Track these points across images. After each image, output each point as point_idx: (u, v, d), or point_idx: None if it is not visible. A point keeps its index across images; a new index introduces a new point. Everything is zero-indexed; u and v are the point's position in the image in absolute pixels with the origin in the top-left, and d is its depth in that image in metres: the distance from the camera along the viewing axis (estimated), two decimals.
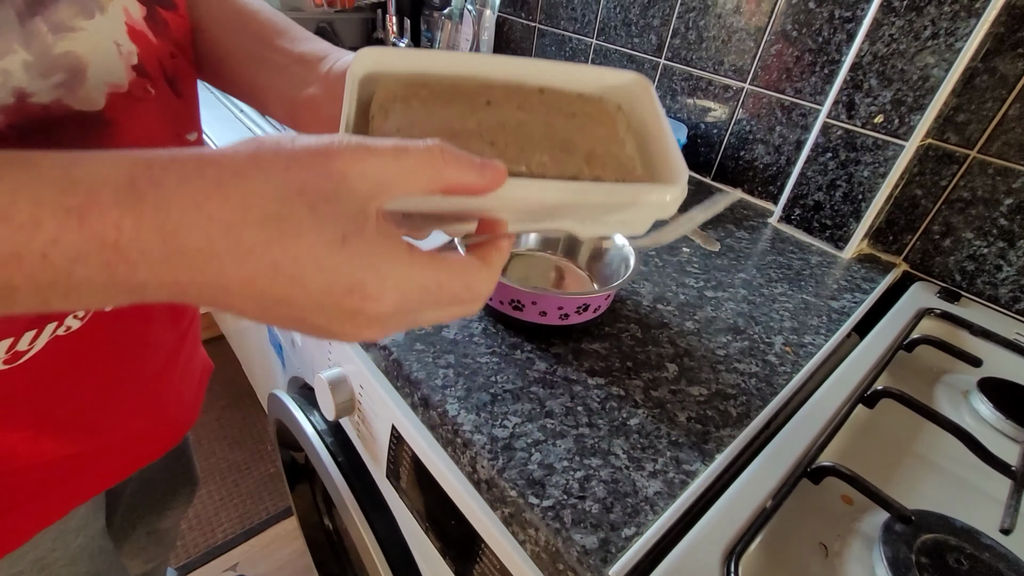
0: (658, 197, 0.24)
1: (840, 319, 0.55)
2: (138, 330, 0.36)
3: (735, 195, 0.28)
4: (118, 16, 0.26)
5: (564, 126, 0.26)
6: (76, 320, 0.30)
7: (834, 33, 0.64)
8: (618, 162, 0.26)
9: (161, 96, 0.29)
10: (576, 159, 0.25)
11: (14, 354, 0.28)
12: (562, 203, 0.23)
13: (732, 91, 0.76)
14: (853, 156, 0.63)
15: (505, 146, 0.24)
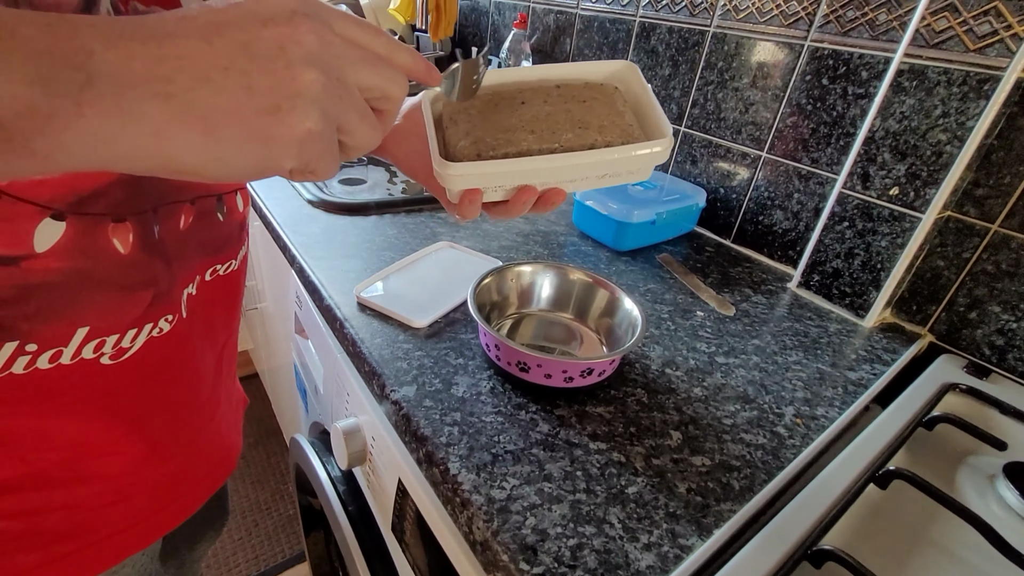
0: (652, 149, 0.34)
1: (857, 391, 0.54)
2: (196, 343, 0.40)
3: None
4: None
5: (579, 110, 0.36)
6: (167, 323, 0.35)
7: (848, 108, 0.66)
8: (621, 129, 0.35)
9: None
10: (592, 132, 0.35)
11: (119, 350, 0.33)
12: (590, 164, 0.34)
13: (750, 158, 0.79)
14: (870, 226, 0.63)
15: (542, 132, 0.34)
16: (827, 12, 0.66)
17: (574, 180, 0.36)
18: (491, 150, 0.34)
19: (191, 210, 0.35)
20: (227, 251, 0.40)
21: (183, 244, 0.35)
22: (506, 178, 0.34)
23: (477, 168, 0.33)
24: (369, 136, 0.25)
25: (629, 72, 0.39)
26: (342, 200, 0.79)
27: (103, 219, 0.29)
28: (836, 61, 0.66)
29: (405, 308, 0.55)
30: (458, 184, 0.33)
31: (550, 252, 0.74)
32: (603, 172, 0.35)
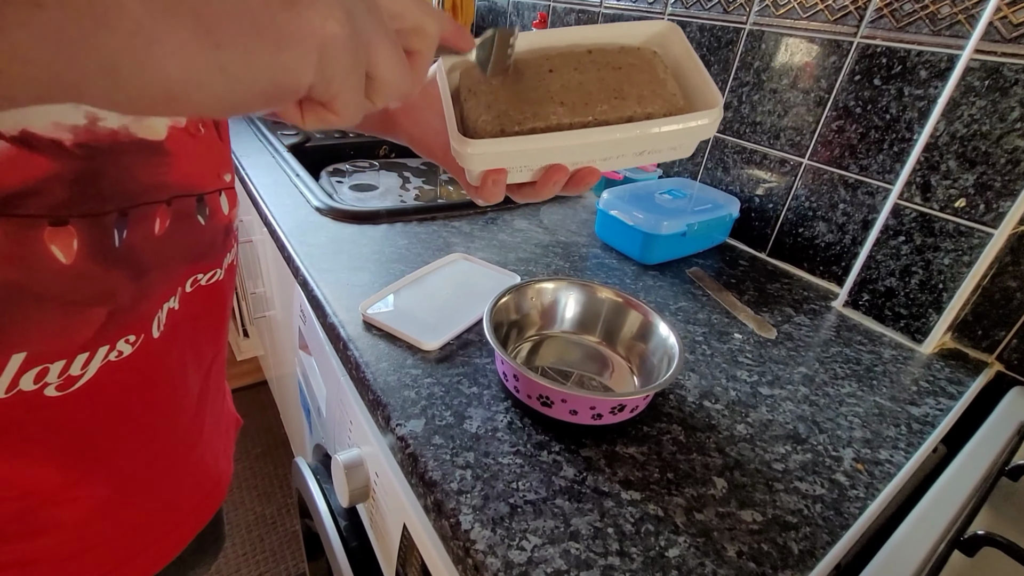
0: (699, 121, 0.29)
1: (923, 430, 0.47)
2: (174, 363, 0.36)
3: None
4: None
5: (614, 78, 0.31)
6: (128, 345, 0.30)
7: (904, 111, 0.60)
8: (663, 99, 0.31)
9: (209, 135, 0.33)
10: (630, 103, 0.30)
11: (67, 379, 0.28)
12: (628, 140, 0.29)
13: (789, 165, 0.73)
14: (931, 241, 0.57)
15: (573, 104, 0.30)
16: (880, 5, 0.60)
17: (608, 158, 0.32)
18: (516, 125, 0.30)
19: (167, 212, 0.30)
20: (210, 258, 0.35)
21: (161, 252, 0.30)
22: (533, 157, 0.30)
23: (500, 145, 0.29)
24: (400, 75, 0.21)
25: (671, 34, 0.34)
26: (352, 208, 0.75)
27: (38, 222, 0.24)
28: (890, 59, 0.60)
29: (415, 328, 0.50)
30: (479, 164, 0.30)
31: (571, 265, 0.69)
32: (642, 148, 0.31)
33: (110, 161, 0.26)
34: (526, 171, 0.31)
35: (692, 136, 0.31)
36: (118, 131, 0.26)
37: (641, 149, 0.31)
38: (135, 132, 0.27)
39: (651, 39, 0.35)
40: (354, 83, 0.20)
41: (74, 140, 0.24)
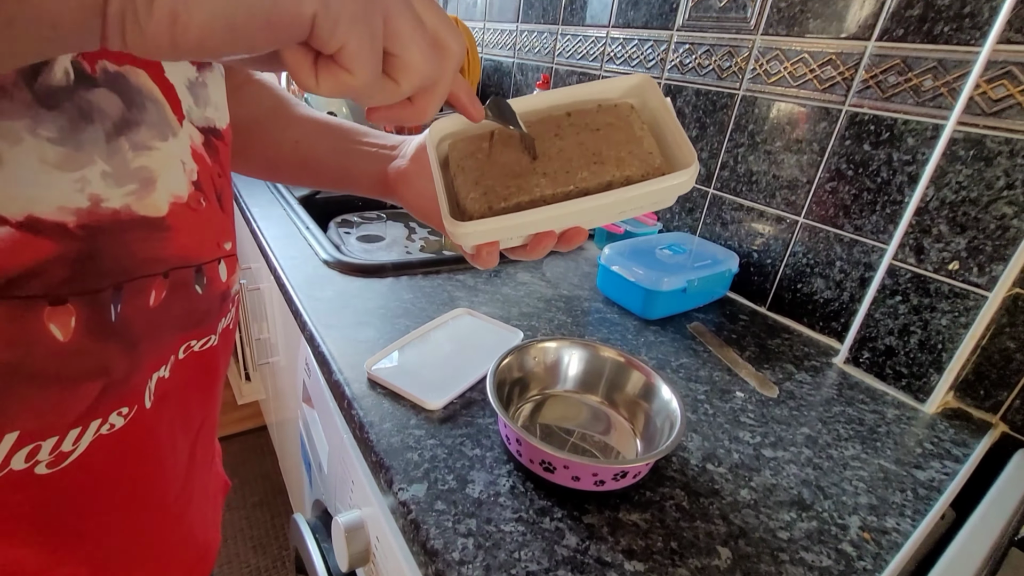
0: (677, 181, 0.31)
1: (930, 496, 0.47)
2: (163, 433, 0.35)
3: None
4: (185, 140, 0.30)
5: (593, 141, 0.33)
6: (120, 418, 0.30)
7: (894, 175, 0.62)
8: (640, 159, 0.32)
9: (210, 208, 0.33)
10: (609, 167, 0.32)
11: (58, 455, 0.27)
12: (609, 204, 0.31)
13: (786, 223, 0.74)
14: (927, 302, 0.58)
15: (555, 174, 0.32)
16: (866, 77, 0.63)
17: (593, 220, 0.34)
18: (502, 201, 0.32)
19: (163, 284, 0.30)
20: (205, 326, 0.35)
21: (154, 323, 0.30)
22: (521, 229, 0.32)
23: (488, 224, 0.31)
24: (425, 55, 0.21)
25: (646, 87, 0.36)
26: (358, 261, 0.77)
27: (37, 302, 0.24)
28: (878, 126, 0.63)
29: (418, 387, 0.51)
30: (471, 242, 0.32)
31: (574, 320, 0.70)
32: (623, 209, 0.33)
33: (110, 239, 0.26)
34: (517, 239, 0.34)
35: (670, 193, 0.32)
36: (120, 210, 0.26)
37: (622, 210, 0.33)
38: (137, 210, 0.27)
39: (628, 92, 0.37)
40: (365, 33, 0.19)
41: (77, 222, 0.25)
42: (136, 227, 0.27)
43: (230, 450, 1.63)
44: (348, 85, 0.20)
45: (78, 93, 0.24)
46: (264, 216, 0.94)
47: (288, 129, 0.46)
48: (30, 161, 0.23)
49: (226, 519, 1.38)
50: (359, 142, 0.45)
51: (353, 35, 0.19)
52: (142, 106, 0.27)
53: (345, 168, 0.44)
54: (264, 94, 0.48)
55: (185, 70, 0.30)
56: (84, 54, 0.24)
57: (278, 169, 0.47)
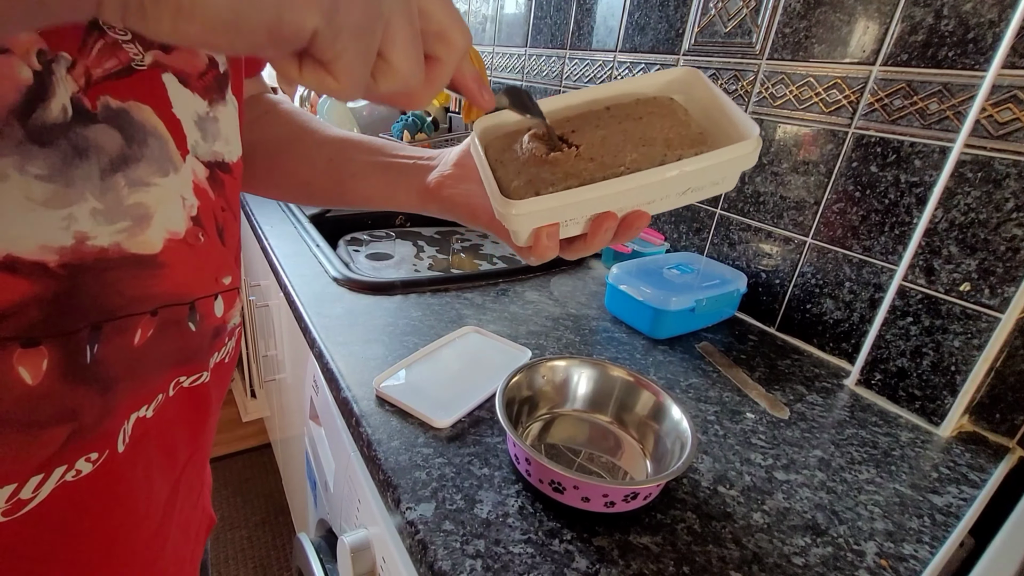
0: (741, 152, 0.29)
1: (948, 522, 0.46)
2: (138, 476, 0.33)
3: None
4: (188, 175, 0.30)
5: (636, 128, 0.32)
6: (88, 464, 0.28)
7: (901, 196, 0.62)
8: (690, 139, 0.31)
9: (210, 243, 0.32)
10: (658, 147, 0.31)
11: (16, 503, 0.25)
12: (670, 180, 0.29)
13: (794, 243, 0.75)
14: (939, 324, 0.57)
15: (602, 158, 0.31)
16: (872, 101, 0.64)
17: (653, 200, 0.31)
18: (550, 186, 0.30)
19: (151, 322, 0.28)
20: (196, 362, 0.33)
21: (138, 362, 0.28)
22: (579, 208, 0.30)
23: (544, 203, 0.29)
24: (412, 64, 0.21)
25: (691, 79, 0.34)
26: (367, 279, 0.77)
27: (9, 344, 0.23)
28: (885, 149, 0.63)
29: (427, 405, 0.51)
30: (526, 224, 0.30)
31: (582, 339, 0.69)
32: (685, 187, 0.31)
33: (93, 278, 0.25)
34: (573, 225, 0.31)
35: (734, 167, 0.30)
36: (108, 248, 0.25)
37: (685, 187, 0.31)
38: (127, 248, 0.26)
39: (668, 87, 0.35)
40: (362, 48, 0.19)
41: (59, 260, 0.23)
42: (124, 265, 0.26)
43: (233, 468, 1.62)
44: (329, 88, 0.20)
45: (75, 130, 0.23)
46: (275, 234, 0.96)
47: (322, 148, 0.45)
48: (14, 199, 0.22)
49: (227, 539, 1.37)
50: (395, 155, 0.44)
51: (349, 50, 0.19)
52: (143, 142, 0.26)
53: (383, 182, 0.43)
54: (290, 118, 0.48)
55: (195, 105, 0.30)
56: (87, 89, 0.24)
57: (312, 189, 0.46)
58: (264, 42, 0.17)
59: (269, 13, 0.17)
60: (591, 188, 0.29)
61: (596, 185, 0.29)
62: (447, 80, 0.25)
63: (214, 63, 0.32)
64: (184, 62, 0.29)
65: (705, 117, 0.33)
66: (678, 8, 0.85)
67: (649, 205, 0.32)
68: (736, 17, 0.77)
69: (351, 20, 0.18)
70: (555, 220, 0.30)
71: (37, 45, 0.22)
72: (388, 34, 0.20)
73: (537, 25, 1.19)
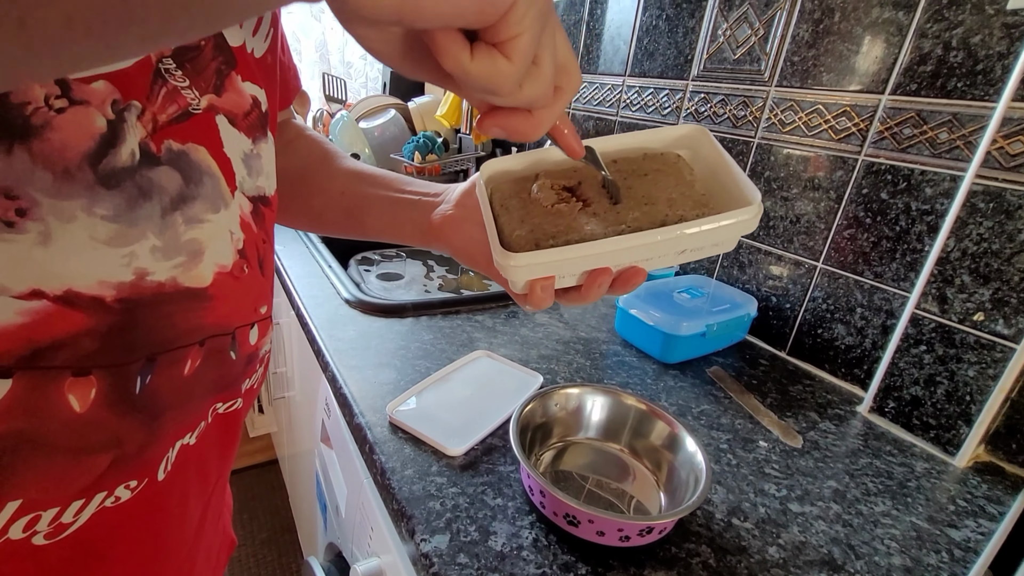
0: (740, 219, 0.30)
1: (966, 558, 0.45)
2: (174, 502, 0.34)
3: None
4: (236, 210, 0.31)
5: (641, 185, 0.33)
6: (127, 491, 0.28)
7: (912, 223, 0.63)
8: (693, 200, 0.32)
9: (252, 275, 0.33)
10: (660, 207, 0.31)
11: (57, 526, 0.26)
12: (667, 241, 0.30)
13: (804, 268, 0.75)
14: (953, 353, 0.57)
15: (605, 215, 0.32)
16: (881, 129, 0.64)
17: (650, 259, 0.32)
18: (550, 239, 0.30)
19: (199, 352, 0.30)
20: (232, 388, 0.35)
21: (186, 391, 0.30)
22: (575, 264, 0.30)
23: (542, 256, 0.29)
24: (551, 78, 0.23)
25: (698, 136, 0.35)
26: (379, 301, 0.78)
27: (61, 372, 0.24)
28: (895, 176, 0.64)
29: (440, 432, 0.51)
30: (523, 275, 0.30)
31: (592, 363, 0.70)
32: (683, 247, 0.32)
33: (148, 312, 0.26)
34: (570, 277, 0.32)
35: (734, 232, 0.31)
36: (165, 283, 0.26)
37: (681, 248, 0.32)
38: (182, 282, 0.27)
39: (676, 143, 0.36)
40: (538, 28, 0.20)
41: (116, 295, 0.24)
42: (179, 298, 0.27)
43: (240, 484, 1.62)
44: (502, 72, 0.20)
45: (141, 172, 0.25)
46: (288, 254, 0.97)
47: (335, 179, 0.47)
48: (79, 238, 0.23)
49: (232, 556, 1.36)
50: (403, 190, 0.45)
51: (534, 28, 0.20)
52: (200, 181, 0.28)
53: (389, 216, 0.45)
54: (314, 147, 0.49)
55: (242, 144, 0.31)
56: (153, 134, 0.25)
57: (323, 219, 0.48)
58: (471, 5, 0.18)
59: None
60: (590, 246, 0.29)
61: (595, 243, 0.29)
62: (561, 111, 0.26)
63: (257, 103, 0.33)
64: (233, 104, 0.31)
65: (710, 176, 0.34)
66: (687, 35, 0.87)
67: (647, 262, 0.33)
68: (744, 45, 0.78)
69: (540, 3, 0.19)
70: (551, 274, 0.30)
71: (112, 95, 0.24)
72: (546, 36, 0.21)
73: None
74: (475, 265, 0.40)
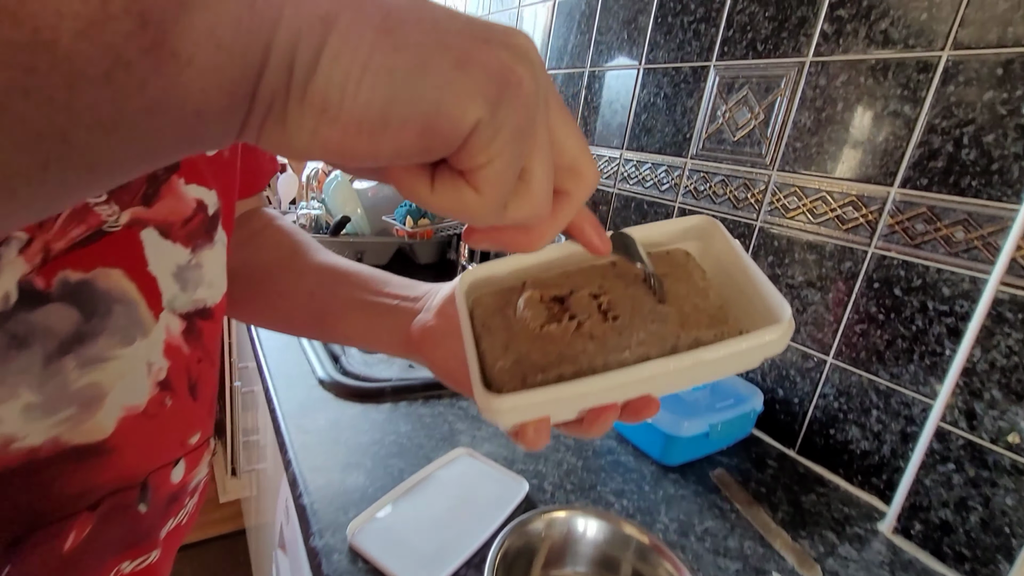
0: (766, 339, 0.24)
1: None
2: None
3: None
4: (159, 336, 0.26)
5: (646, 294, 0.28)
6: None
7: (930, 324, 0.58)
8: (709, 316, 0.26)
9: (178, 405, 0.28)
10: (670, 326, 0.26)
11: None
12: (680, 371, 0.24)
13: (813, 361, 0.70)
14: (986, 476, 0.51)
15: (604, 337, 0.26)
16: (892, 222, 0.61)
17: (662, 389, 0.27)
18: (539, 372, 0.25)
19: (89, 519, 0.25)
20: (145, 543, 0.29)
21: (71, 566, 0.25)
22: (572, 403, 0.25)
23: (530, 398, 0.24)
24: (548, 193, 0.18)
25: (709, 229, 0.30)
26: (355, 384, 0.72)
27: None
28: (909, 272, 0.60)
29: (406, 563, 0.44)
30: (509, 420, 0.25)
31: (584, 464, 0.63)
32: (700, 376, 0.27)
33: (16, 485, 0.22)
34: (568, 412, 0.27)
35: (758, 355, 0.25)
36: (40, 447, 0.22)
37: (700, 376, 0.27)
38: (68, 440, 0.23)
39: (684, 234, 0.31)
40: (516, 155, 0.16)
41: None
42: (61, 461, 0.23)
43: (204, 559, 1.50)
44: (468, 206, 0.17)
45: (16, 317, 0.20)
46: None
47: (303, 278, 0.42)
48: None
49: None
50: (379, 292, 0.40)
51: (505, 155, 0.16)
52: (107, 312, 0.23)
53: (364, 324, 0.39)
54: (283, 239, 0.45)
55: (176, 257, 0.27)
56: (42, 267, 0.21)
57: (292, 322, 0.42)
58: (412, 144, 0.15)
59: (427, 103, 0.14)
60: (588, 382, 0.24)
61: (594, 379, 0.24)
62: (572, 217, 0.21)
63: (202, 207, 0.29)
64: (167, 212, 0.27)
65: (724, 277, 0.29)
66: (685, 114, 0.86)
67: (659, 391, 0.27)
68: (744, 128, 0.76)
69: (514, 118, 0.15)
70: (543, 415, 0.25)
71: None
72: (533, 152, 0.17)
73: None
74: (457, 385, 0.35)
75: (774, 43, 0.72)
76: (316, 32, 0.13)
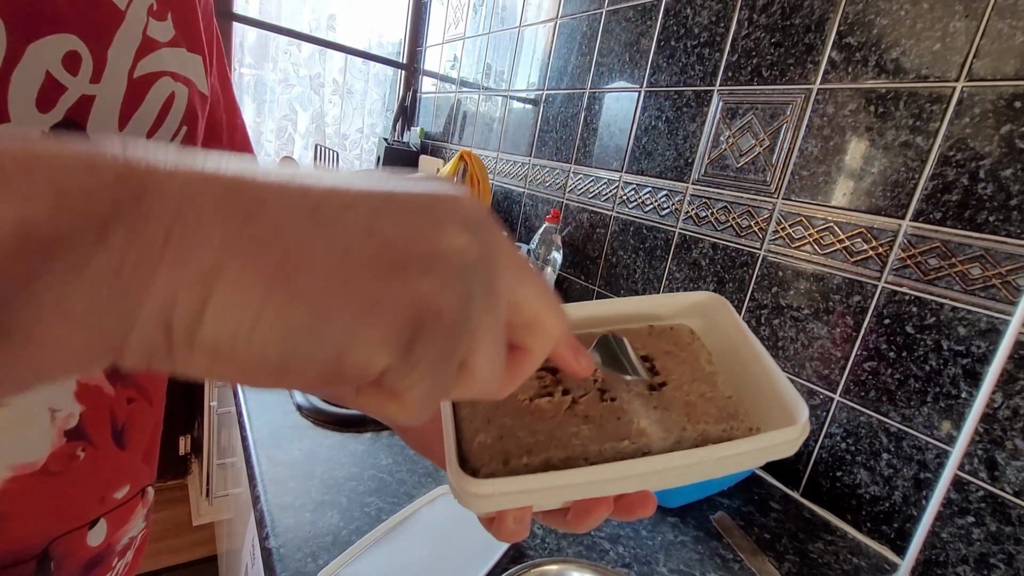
0: (780, 440, 0.22)
1: None
2: None
3: None
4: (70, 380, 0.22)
5: (648, 376, 0.26)
6: None
7: (945, 365, 0.55)
8: (717, 408, 0.24)
9: (93, 457, 0.24)
10: (675, 415, 0.24)
11: None
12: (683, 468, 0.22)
13: (820, 399, 0.66)
14: (1009, 531, 0.48)
15: (601, 420, 0.24)
16: (903, 256, 0.58)
17: (661, 485, 0.24)
18: (524, 454, 0.22)
19: None
20: None
21: None
22: (559, 494, 0.22)
23: (513, 485, 0.21)
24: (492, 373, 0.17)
25: (716, 307, 0.28)
26: (335, 411, 0.68)
27: None
28: (922, 309, 0.57)
29: None
30: (484, 508, 0.22)
31: None
32: (706, 474, 0.24)
33: None
34: (554, 502, 0.23)
35: (770, 455, 0.23)
36: None
37: (703, 474, 0.24)
38: None
39: (689, 310, 0.29)
40: (441, 377, 0.15)
41: None
42: None
43: None
44: (394, 416, 0.15)
45: None
46: None
47: None
48: None
49: None
50: None
51: (425, 380, 0.15)
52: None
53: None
54: None
55: None
56: None
57: None
58: (316, 381, 0.14)
59: (328, 352, 0.13)
60: (580, 473, 0.21)
61: (587, 470, 0.21)
62: (533, 371, 0.19)
63: None
64: None
65: (733, 361, 0.27)
66: (687, 139, 0.84)
67: (655, 487, 0.24)
68: (748, 154, 0.74)
69: (431, 353, 0.14)
70: (526, 504, 0.22)
71: None
72: (473, 345, 0.16)
73: (542, 137, 1.19)
74: (430, 456, 0.31)
75: (780, 69, 0.70)
76: (195, 293, 0.12)
